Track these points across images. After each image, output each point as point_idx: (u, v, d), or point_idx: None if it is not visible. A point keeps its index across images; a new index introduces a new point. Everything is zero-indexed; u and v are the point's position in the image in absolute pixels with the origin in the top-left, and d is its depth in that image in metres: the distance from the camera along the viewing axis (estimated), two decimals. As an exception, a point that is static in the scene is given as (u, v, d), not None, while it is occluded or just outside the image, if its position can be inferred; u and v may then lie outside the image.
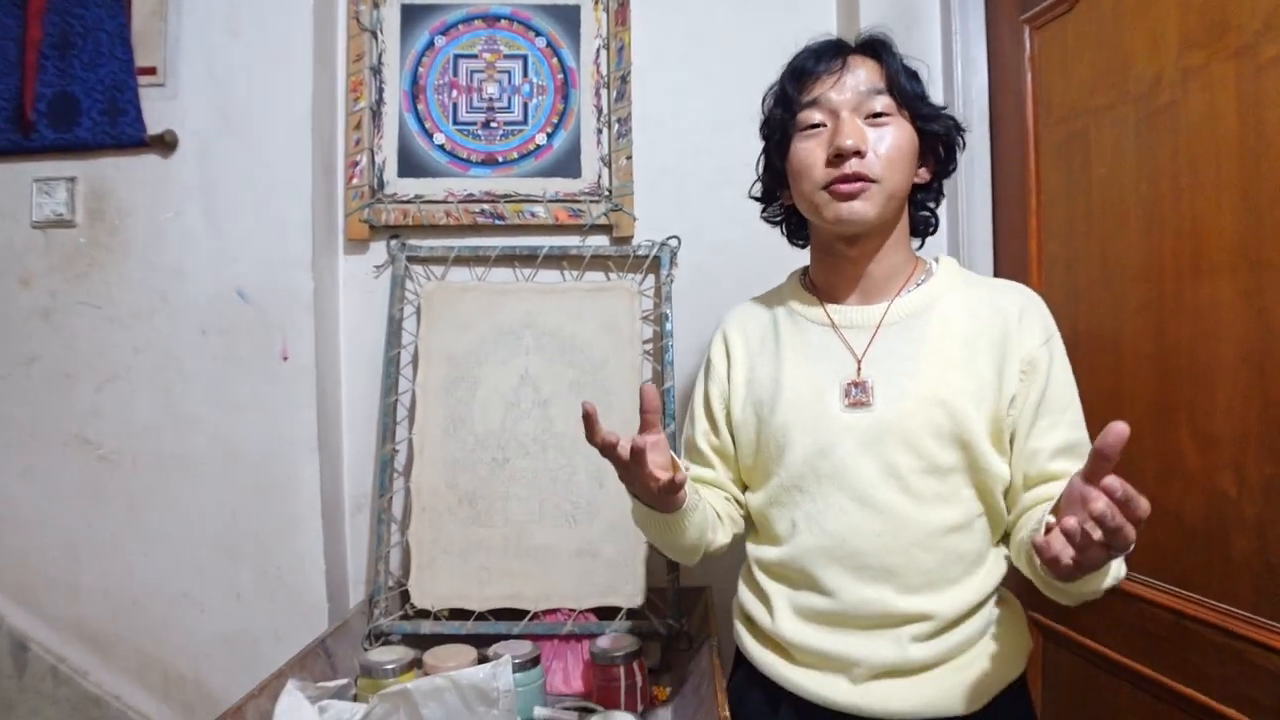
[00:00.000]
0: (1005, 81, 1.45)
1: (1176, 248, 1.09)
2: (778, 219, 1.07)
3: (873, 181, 0.88)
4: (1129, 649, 1.14)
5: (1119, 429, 0.65)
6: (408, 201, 1.56)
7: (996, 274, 1.45)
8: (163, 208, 1.50)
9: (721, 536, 1.02)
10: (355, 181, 1.56)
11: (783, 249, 1.14)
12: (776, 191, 1.03)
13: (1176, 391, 1.08)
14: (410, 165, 1.58)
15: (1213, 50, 1.03)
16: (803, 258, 1.10)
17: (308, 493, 1.48)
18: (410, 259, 1.56)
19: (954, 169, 0.99)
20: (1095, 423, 0.92)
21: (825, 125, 0.91)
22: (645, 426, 0.85)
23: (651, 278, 1.58)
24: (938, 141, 0.96)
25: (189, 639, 1.49)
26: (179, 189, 1.49)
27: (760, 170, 1.04)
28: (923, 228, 1.02)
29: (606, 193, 1.57)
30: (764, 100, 1.00)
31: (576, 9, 1.60)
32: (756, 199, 1.08)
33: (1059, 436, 0.89)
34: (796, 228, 1.07)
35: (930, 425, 0.89)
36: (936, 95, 1.47)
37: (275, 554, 1.49)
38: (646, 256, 1.55)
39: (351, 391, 1.58)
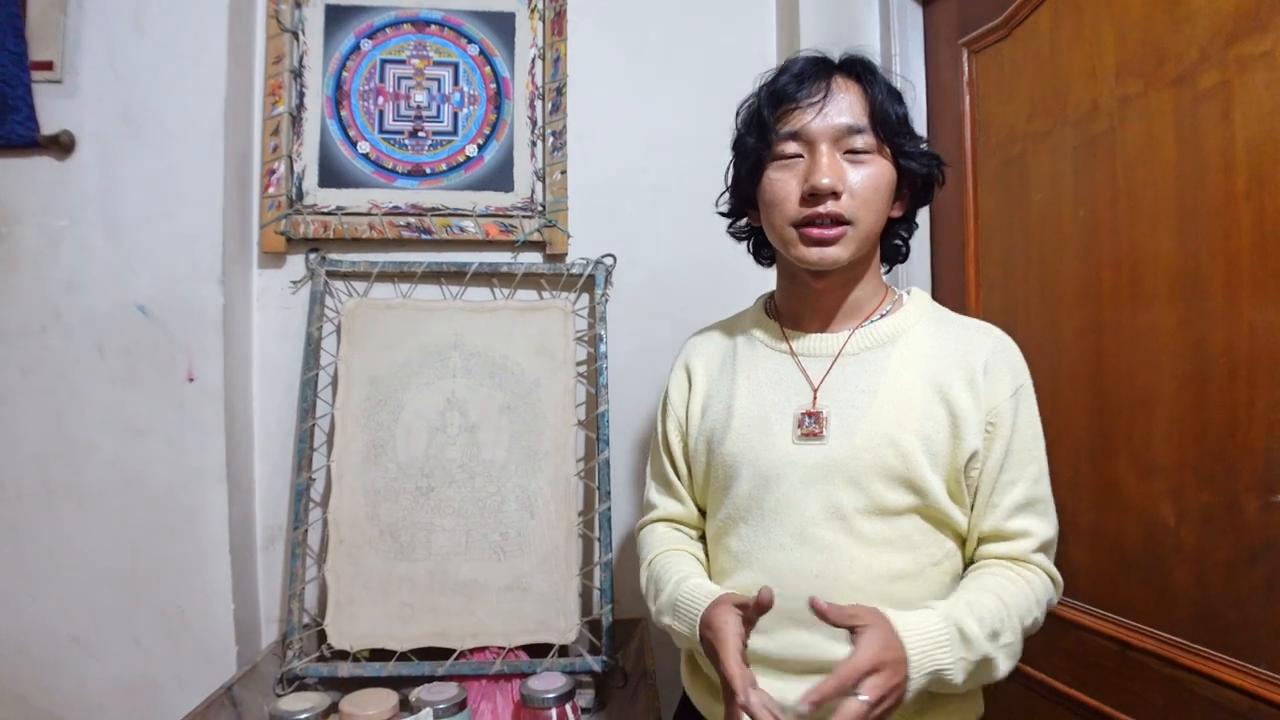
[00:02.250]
0: (944, 105, 1.45)
1: (1115, 274, 1.09)
2: (744, 236, 1.05)
3: (848, 224, 0.86)
4: (1070, 677, 1.14)
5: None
6: (329, 213, 1.51)
7: (935, 299, 1.43)
8: (57, 215, 1.39)
9: None
10: (272, 191, 1.50)
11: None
12: (744, 209, 1.01)
13: (1115, 418, 1.08)
14: (332, 175, 1.53)
15: (1150, 79, 1.04)
16: (768, 279, 1.08)
17: (215, 525, 1.38)
18: (330, 274, 1.51)
19: (928, 201, 0.97)
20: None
21: (802, 157, 0.88)
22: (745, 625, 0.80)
23: (586, 297, 1.55)
24: (917, 178, 0.93)
25: (80, 688, 1.37)
26: (76, 195, 1.39)
27: (728, 183, 1.00)
28: (894, 256, 1.01)
29: (540, 208, 1.54)
30: (738, 114, 0.96)
31: (511, 16, 1.56)
32: (723, 214, 1.05)
33: (1019, 493, 0.87)
34: (762, 245, 1.04)
35: (880, 465, 0.86)
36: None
37: (178, 592, 1.38)
38: (581, 275, 1.53)
39: (264, 415, 1.51)
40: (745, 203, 0.98)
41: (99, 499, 1.39)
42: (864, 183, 0.86)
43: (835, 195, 0.84)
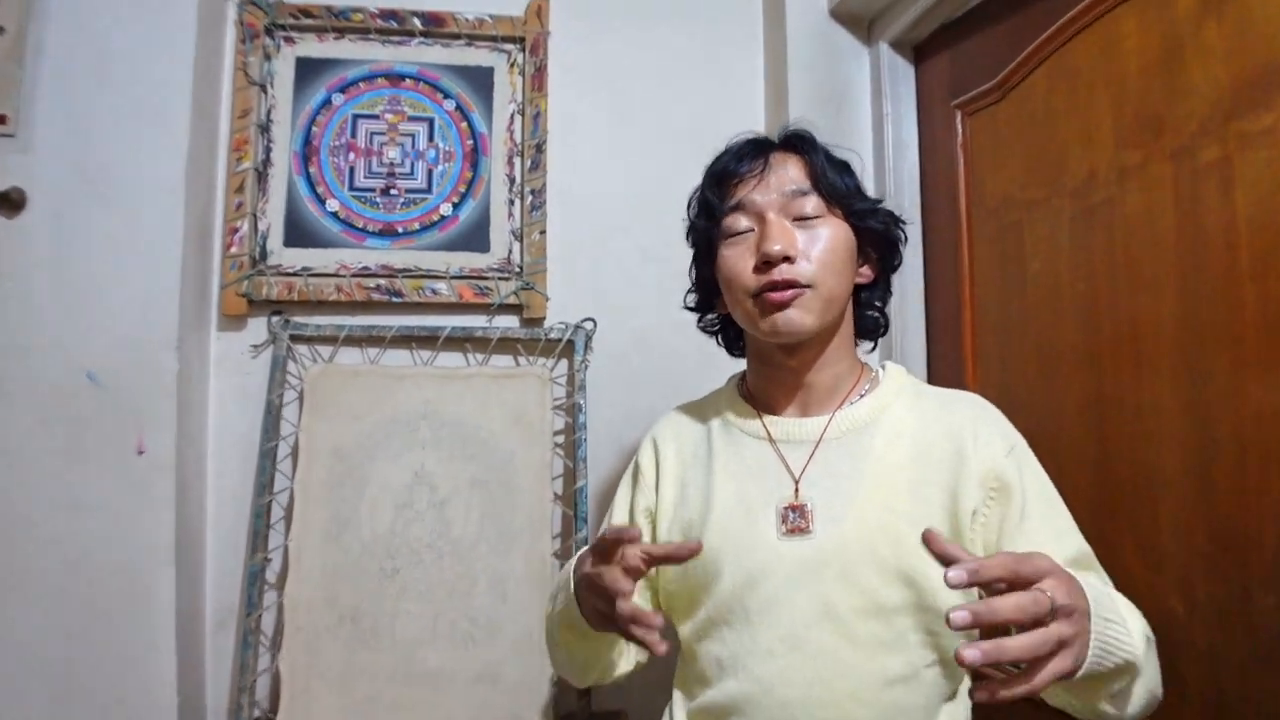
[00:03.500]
0: (937, 168, 1.47)
1: (1115, 348, 1.10)
2: (714, 329, 1.07)
3: (805, 287, 0.87)
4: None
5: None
6: (294, 274, 1.52)
7: (931, 369, 1.46)
8: (3, 276, 1.38)
9: (623, 666, 0.98)
10: (234, 250, 1.50)
11: (706, 337, 1.11)
12: (712, 300, 1.02)
13: (1120, 500, 1.08)
14: (298, 234, 1.54)
15: (1149, 150, 1.06)
16: (734, 365, 1.09)
17: (161, 609, 1.33)
18: (294, 338, 1.50)
19: (899, 264, 0.99)
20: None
21: (752, 230, 0.90)
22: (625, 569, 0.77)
23: (564, 364, 1.55)
24: (877, 237, 0.95)
25: (6, 788, 1.32)
26: (24, 254, 1.37)
27: (692, 279, 1.04)
28: (871, 328, 1.01)
29: (517, 270, 1.55)
30: (689, 206, 0.99)
31: (490, 71, 1.59)
32: (691, 309, 1.07)
33: (1063, 552, 0.83)
34: (735, 337, 1.06)
35: (872, 556, 0.85)
36: (868, 181, 1.47)
37: (118, 683, 1.33)
38: (559, 340, 1.53)
39: (219, 490, 1.49)
40: (709, 290, 1.00)
41: (34, 581, 1.34)
42: (818, 245, 0.88)
43: (789, 260, 0.86)
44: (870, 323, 1.01)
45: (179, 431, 1.39)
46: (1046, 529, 0.84)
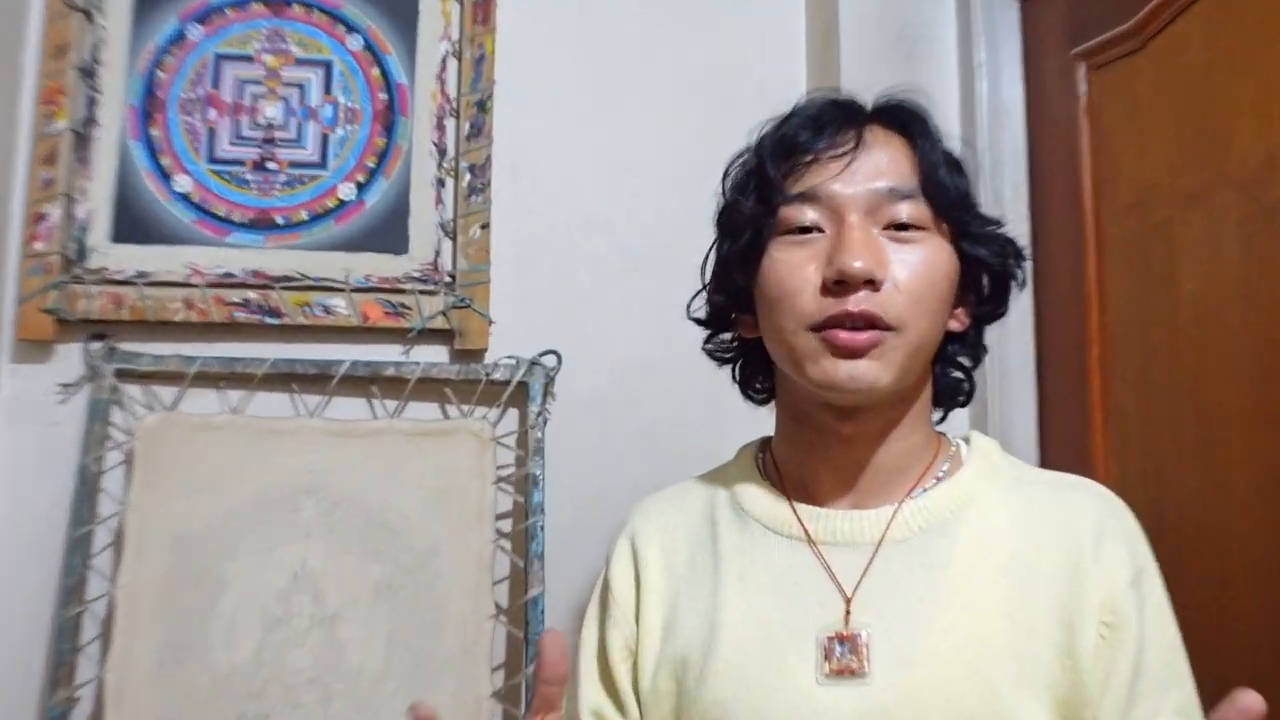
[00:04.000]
0: (1051, 143, 1.47)
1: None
2: (728, 356, 1.06)
3: (889, 329, 0.86)
4: None
5: (1247, 703, 0.63)
6: (125, 282, 1.52)
7: (1043, 436, 1.48)
8: None
9: None
10: (39, 246, 1.51)
11: (727, 378, 1.08)
12: (732, 315, 1.02)
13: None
14: (133, 224, 1.54)
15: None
16: (762, 422, 1.07)
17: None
18: (123, 374, 1.50)
19: (1004, 313, 0.99)
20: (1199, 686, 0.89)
21: (822, 233, 0.90)
22: (540, 706, 0.79)
23: (514, 416, 1.55)
24: (982, 271, 0.95)
25: None
26: None
27: (709, 278, 1.03)
28: (950, 392, 1.02)
29: (448, 280, 1.55)
30: (725, 176, 0.99)
31: None
32: (699, 322, 1.06)
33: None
34: (756, 373, 1.05)
35: (956, 711, 0.83)
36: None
37: None
38: (507, 383, 1.52)
39: (5, 595, 1.48)
40: (735, 301, 1.00)
41: None
42: (913, 271, 0.88)
43: (871, 285, 0.86)
44: (951, 385, 1.01)
45: None
46: (1164, 700, 0.85)
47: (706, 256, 1.01)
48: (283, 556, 1.46)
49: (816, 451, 0.96)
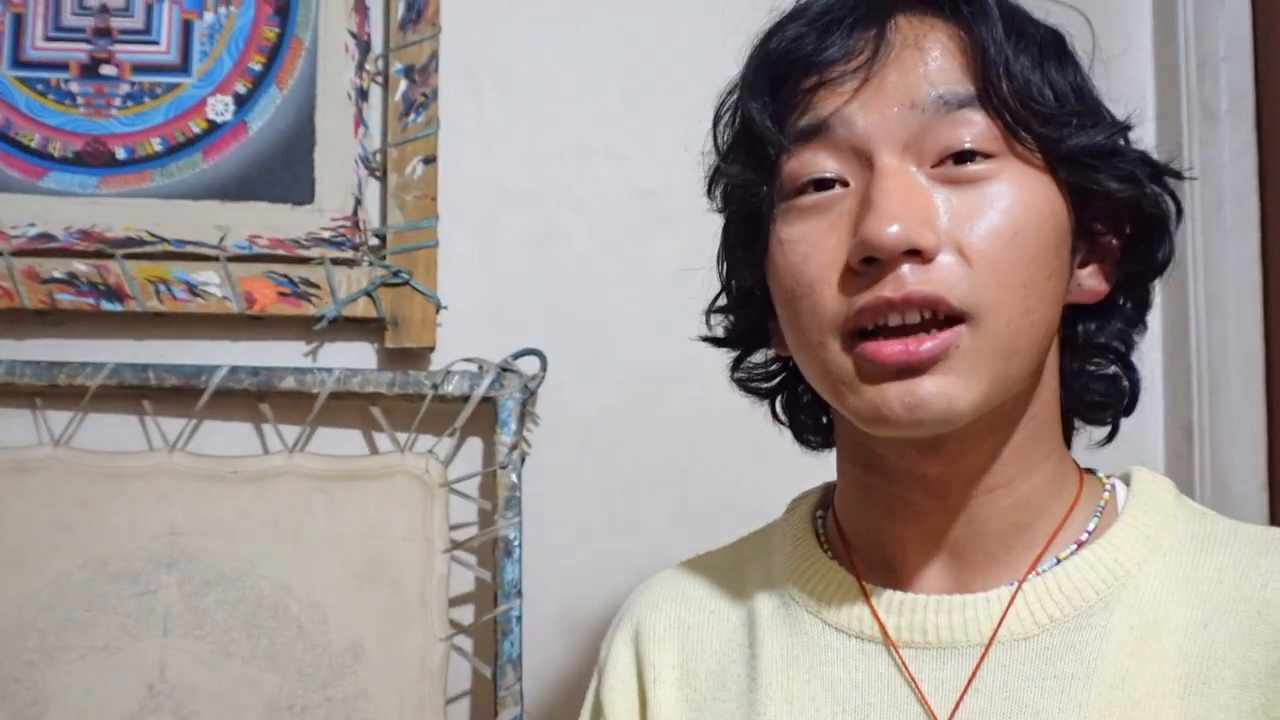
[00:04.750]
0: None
1: None
2: (765, 386, 0.95)
3: (958, 319, 0.73)
4: None
5: None
6: None
7: (1272, 473, 1.32)
8: None
9: None
10: None
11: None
12: (759, 327, 0.91)
13: None
14: None
15: None
16: (822, 468, 0.95)
17: None
18: None
19: (1166, 260, 0.83)
20: None
21: (846, 186, 0.77)
22: None
23: (475, 448, 1.35)
24: (1118, 206, 0.80)
25: None
26: None
27: (723, 282, 0.93)
28: (1098, 401, 0.87)
29: (374, 242, 1.35)
30: (716, 120, 0.87)
31: None
32: (717, 342, 0.95)
33: None
34: (808, 406, 0.94)
35: None
36: (1137, 50, 1.40)
37: None
38: (465, 398, 1.31)
39: None
40: (753, 307, 0.90)
41: None
42: (988, 222, 0.75)
43: (920, 255, 0.72)
44: (1097, 389, 0.87)
45: None
46: None
47: (719, 258, 0.93)
48: (133, 660, 1.27)
49: (895, 508, 0.85)
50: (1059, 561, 0.80)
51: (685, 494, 1.37)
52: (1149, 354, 1.35)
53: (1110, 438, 0.88)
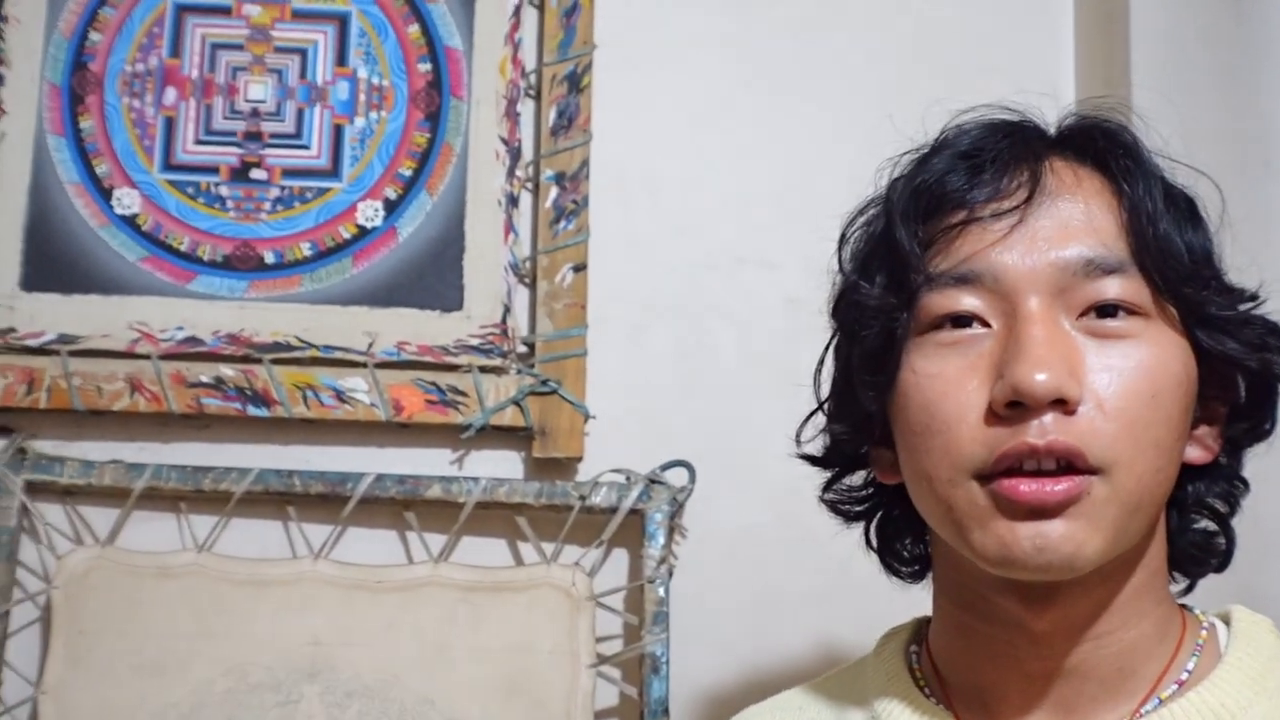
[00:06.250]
0: None
1: None
2: (858, 510, 0.96)
3: (1093, 472, 0.74)
4: None
5: None
6: (41, 351, 1.34)
7: None
8: None
9: None
10: None
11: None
12: (863, 448, 0.92)
13: None
14: (53, 263, 1.37)
15: None
16: (916, 603, 0.97)
17: None
18: (37, 488, 1.32)
19: (1271, 430, 0.87)
20: None
21: (987, 325, 0.79)
22: None
23: (622, 560, 1.36)
24: (1233, 371, 0.83)
25: None
26: None
27: (829, 399, 0.94)
28: (1197, 554, 0.89)
29: (524, 350, 1.38)
30: (843, 241, 0.90)
31: None
32: (812, 460, 0.96)
33: None
34: (902, 533, 0.95)
35: None
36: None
37: None
38: (613, 510, 1.31)
39: None
40: (862, 432, 0.89)
41: None
42: (1128, 381, 0.77)
43: (1063, 406, 0.74)
44: (1197, 544, 0.88)
45: None
46: None
47: (821, 360, 0.95)
48: None
49: (998, 652, 0.85)
50: (1160, 703, 0.80)
51: (833, 613, 1.37)
52: None
53: (1189, 589, 0.90)
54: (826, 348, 0.92)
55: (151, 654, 1.28)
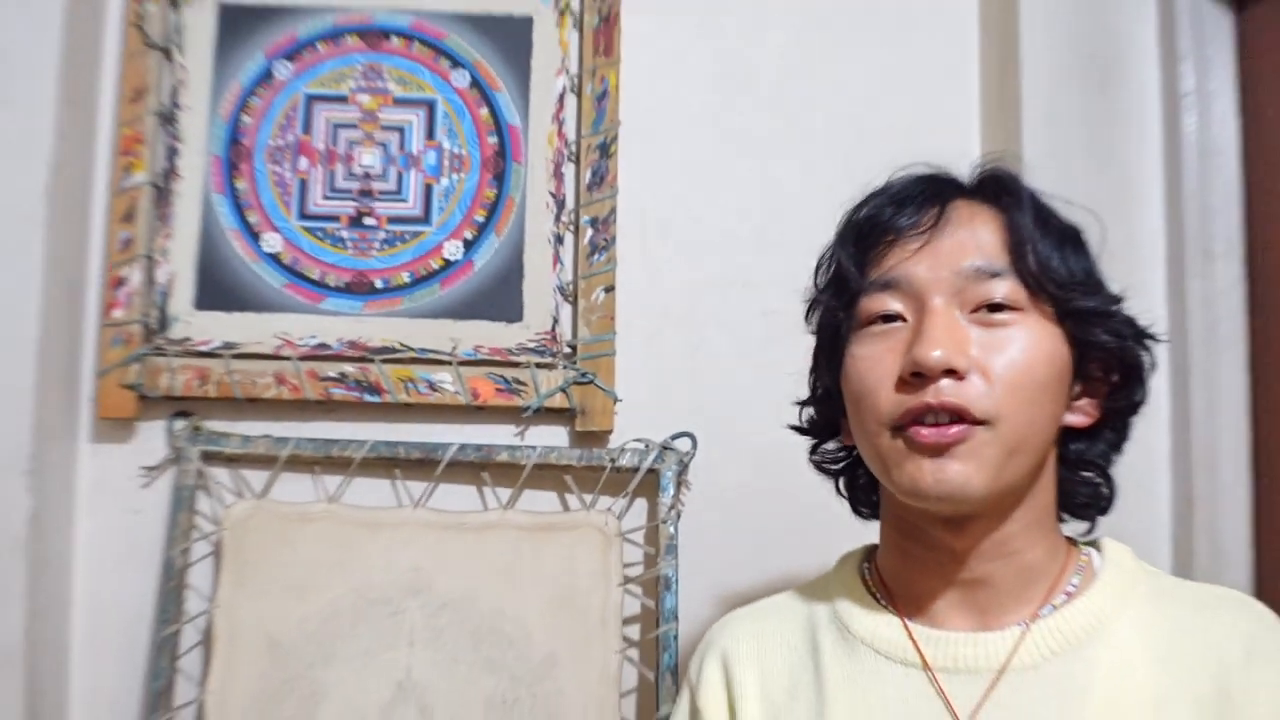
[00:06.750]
0: (1272, 187, 1.40)
1: None
2: (833, 468, 1.09)
3: (978, 423, 0.86)
4: None
5: None
6: (210, 354, 1.50)
7: (1258, 541, 1.42)
8: None
9: None
10: (118, 314, 1.50)
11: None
12: (836, 422, 1.05)
13: None
14: (218, 289, 1.53)
15: None
16: (862, 533, 1.09)
17: None
18: (209, 456, 1.49)
19: (1140, 402, 0.98)
20: None
21: (904, 321, 0.92)
22: None
23: (642, 507, 1.52)
24: (1108, 355, 0.95)
25: None
26: None
27: (810, 386, 1.06)
28: (1083, 501, 1.01)
29: (568, 350, 1.52)
30: (818, 268, 1.02)
31: (526, 24, 1.58)
32: (801, 431, 1.10)
33: None
34: (865, 485, 1.08)
35: None
36: (1151, 205, 1.52)
37: None
38: (635, 470, 1.48)
39: (89, 699, 1.48)
40: (832, 407, 1.03)
41: None
42: (1007, 356, 0.88)
43: (954, 375, 0.87)
44: (1081, 490, 1.00)
45: (28, 606, 1.39)
46: None
47: (810, 372, 1.06)
48: (386, 665, 1.43)
49: (930, 567, 0.97)
50: (1054, 609, 0.93)
51: (801, 542, 1.48)
52: (1159, 441, 1.47)
53: (1089, 530, 1.02)
54: (813, 362, 1.05)
55: (295, 578, 1.45)
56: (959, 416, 0.86)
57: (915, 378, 0.87)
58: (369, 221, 1.55)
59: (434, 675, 1.43)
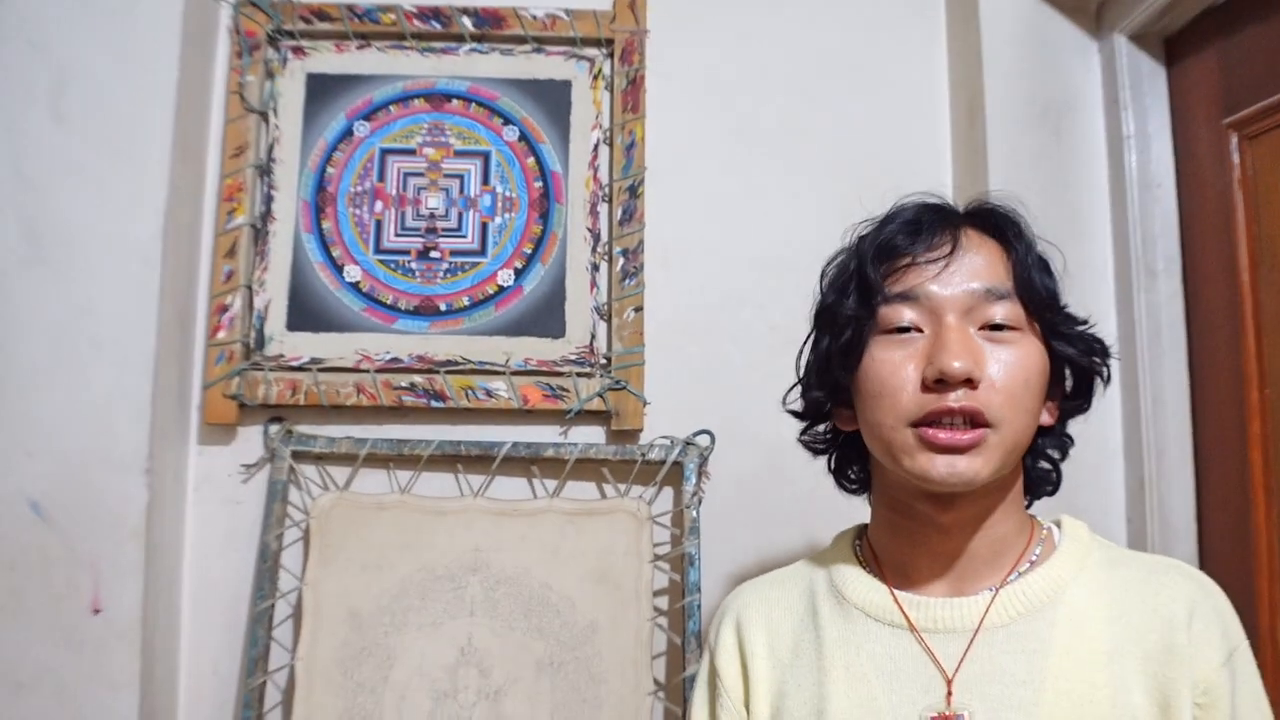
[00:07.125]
0: (1204, 216, 1.48)
1: None
2: (820, 447, 1.12)
3: (988, 426, 0.91)
4: None
5: None
6: (300, 368, 1.61)
7: (1201, 519, 1.48)
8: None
9: None
10: (222, 335, 1.62)
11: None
12: (829, 408, 1.08)
13: None
14: (307, 313, 1.64)
15: None
16: (856, 513, 1.13)
17: (112, 829, 1.40)
18: (299, 455, 1.60)
19: (1088, 408, 1.04)
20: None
21: (920, 333, 0.95)
22: None
23: (669, 495, 1.61)
24: (1069, 368, 1.01)
25: None
26: (-53, 342, 1.47)
27: (805, 371, 1.09)
28: (1039, 484, 1.07)
29: (603, 362, 1.62)
30: (822, 276, 1.05)
31: (565, 86, 1.71)
32: (796, 415, 1.12)
33: None
34: (851, 463, 1.11)
35: None
36: (1101, 231, 1.62)
37: None
38: (662, 462, 1.58)
39: (195, 664, 1.58)
40: (834, 395, 1.05)
41: (-41, 785, 1.41)
42: (1009, 370, 0.92)
43: (970, 384, 0.91)
44: (1041, 476, 1.06)
45: (146, 583, 1.47)
46: None
47: (801, 351, 1.08)
48: (450, 632, 1.53)
49: (916, 540, 1.00)
50: (1020, 576, 0.96)
51: (803, 523, 1.59)
52: (1113, 431, 1.53)
53: (1030, 505, 1.05)
54: (805, 342, 1.06)
55: (372, 558, 1.55)
56: (973, 419, 0.90)
57: (938, 384, 0.90)
58: (434, 254, 1.66)
59: (491, 641, 1.52)
